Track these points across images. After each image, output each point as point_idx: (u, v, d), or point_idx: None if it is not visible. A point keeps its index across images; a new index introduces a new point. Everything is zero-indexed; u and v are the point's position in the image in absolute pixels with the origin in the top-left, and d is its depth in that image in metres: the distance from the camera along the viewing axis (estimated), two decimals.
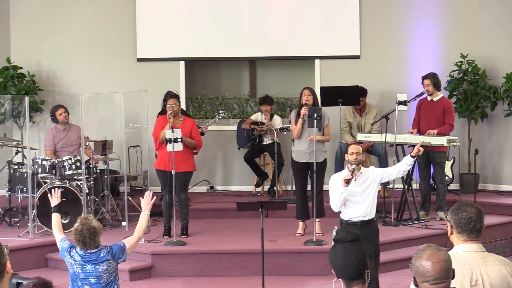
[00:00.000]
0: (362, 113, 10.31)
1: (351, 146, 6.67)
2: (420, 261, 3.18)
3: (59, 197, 5.91)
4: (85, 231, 5.25)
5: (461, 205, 3.73)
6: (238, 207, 7.40)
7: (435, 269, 3.14)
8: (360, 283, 3.16)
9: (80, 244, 5.30)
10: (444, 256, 3.18)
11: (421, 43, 10.93)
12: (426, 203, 9.35)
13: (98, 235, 5.33)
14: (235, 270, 8.01)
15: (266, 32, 11.05)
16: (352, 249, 3.17)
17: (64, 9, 11.06)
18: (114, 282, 5.42)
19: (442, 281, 3.15)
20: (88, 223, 5.27)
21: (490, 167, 10.90)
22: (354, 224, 6.54)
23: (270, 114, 10.56)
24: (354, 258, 3.15)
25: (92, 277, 5.31)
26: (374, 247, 6.62)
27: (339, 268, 3.17)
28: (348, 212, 6.60)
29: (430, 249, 3.21)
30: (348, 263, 3.14)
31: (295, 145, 8.55)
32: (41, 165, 8.94)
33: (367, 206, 6.56)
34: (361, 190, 6.56)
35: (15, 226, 9.07)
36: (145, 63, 11.08)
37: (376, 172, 6.69)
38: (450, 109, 9.31)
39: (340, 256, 3.17)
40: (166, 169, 8.34)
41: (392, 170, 6.86)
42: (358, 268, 3.15)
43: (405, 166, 6.83)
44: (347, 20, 10.98)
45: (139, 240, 5.68)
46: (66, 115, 9.63)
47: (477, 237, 3.66)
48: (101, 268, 5.31)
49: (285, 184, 10.52)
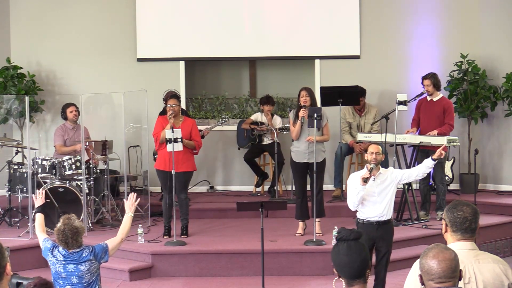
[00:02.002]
0: (361, 113, 10.31)
1: (371, 146, 6.66)
2: (426, 258, 3.20)
3: (43, 197, 5.94)
4: (67, 231, 5.27)
5: (457, 204, 3.74)
6: (238, 207, 7.40)
7: (441, 267, 3.15)
8: (361, 282, 3.17)
9: (62, 244, 5.31)
10: (450, 255, 3.19)
11: (421, 43, 10.93)
12: (426, 203, 9.35)
13: (81, 235, 5.35)
14: (235, 270, 8.01)
15: (266, 32, 11.05)
16: (356, 247, 3.18)
17: (64, 9, 11.06)
18: (95, 282, 5.43)
19: (447, 280, 3.15)
20: (70, 223, 5.28)
21: (490, 167, 10.90)
22: (371, 224, 6.55)
23: (271, 114, 10.57)
24: (358, 257, 3.16)
25: (74, 277, 5.32)
26: (387, 248, 6.63)
27: (342, 266, 3.18)
28: (365, 211, 6.60)
29: (437, 248, 3.23)
30: (351, 261, 3.15)
31: (294, 145, 8.55)
32: (41, 165, 8.95)
33: (385, 206, 6.56)
34: (379, 190, 6.56)
35: (15, 226, 9.07)
36: (145, 63, 11.08)
37: (395, 173, 6.69)
38: (450, 109, 9.31)
39: (344, 254, 3.17)
40: (166, 169, 8.34)
41: (412, 172, 6.84)
42: (360, 267, 3.16)
43: (425, 168, 6.79)
44: (347, 20, 10.98)
45: (122, 241, 5.69)
46: (76, 114, 9.67)
47: (471, 236, 3.67)
48: (83, 268, 5.33)
49: (285, 184, 10.51)
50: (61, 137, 9.58)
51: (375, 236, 6.55)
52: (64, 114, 9.73)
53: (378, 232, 6.57)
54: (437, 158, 6.75)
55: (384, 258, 6.63)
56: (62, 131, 9.63)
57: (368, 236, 6.52)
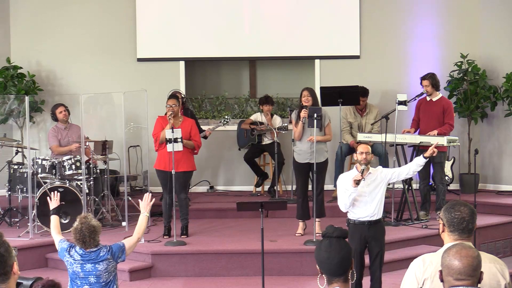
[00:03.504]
0: (363, 113, 10.31)
1: (360, 146, 6.65)
2: (449, 253, 3.20)
3: (58, 199, 5.91)
4: (84, 230, 5.26)
5: (455, 204, 3.75)
6: (238, 207, 7.40)
7: (462, 263, 3.14)
8: (341, 281, 3.18)
9: (80, 243, 5.30)
10: (473, 253, 3.19)
11: (421, 43, 10.93)
12: (426, 203, 9.35)
13: (98, 233, 5.34)
14: (235, 270, 8.01)
15: (266, 32, 11.05)
16: (336, 244, 3.20)
17: (64, 9, 11.06)
18: (113, 281, 5.42)
19: (466, 277, 3.14)
20: (87, 222, 5.28)
21: (490, 167, 10.90)
22: (362, 224, 6.55)
23: (270, 114, 10.58)
24: (337, 254, 3.18)
25: (92, 276, 5.32)
26: (380, 247, 6.63)
27: (321, 262, 3.21)
28: (356, 212, 6.59)
29: (461, 245, 3.25)
30: (330, 258, 3.18)
31: (296, 145, 8.54)
32: (41, 165, 8.94)
33: (375, 206, 6.55)
34: (370, 190, 6.56)
35: (15, 226, 9.08)
36: (145, 63, 11.09)
37: (385, 172, 6.68)
38: (449, 109, 9.31)
39: (324, 250, 3.20)
40: (165, 169, 8.34)
41: (402, 170, 6.83)
42: (340, 265, 3.17)
43: (416, 166, 6.79)
44: (347, 20, 10.98)
45: (139, 241, 5.69)
46: (66, 113, 9.63)
47: (468, 236, 3.68)
48: (101, 267, 5.32)
49: (285, 184, 10.51)
50: (55, 138, 9.55)
51: (367, 236, 6.56)
52: (54, 115, 9.68)
53: (369, 232, 6.57)
54: (428, 156, 6.74)
55: (377, 257, 6.62)
56: (55, 132, 9.60)
57: (360, 236, 6.54)
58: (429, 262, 3.65)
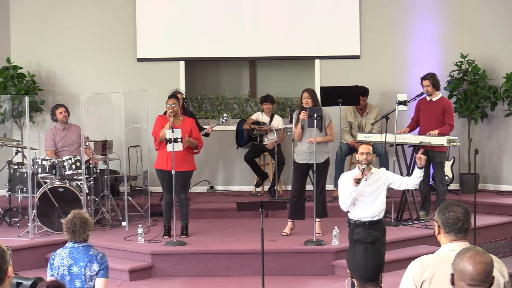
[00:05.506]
0: (363, 113, 10.31)
1: (361, 146, 6.63)
2: (462, 258, 3.18)
3: None
4: (76, 219, 5.19)
5: (448, 205, 3.74)
6: (238, 207, 7.40)
7: (476, 269, 3.13)
8: (374, 286, 3.15)
9: (70, 233, 5.22)
10: (487, 259, 3.17)
11: (421, 43, 10.93)
12: (426, 203, 9.35)
13: (89, 228, 5.25)
14: (235, 270, 8.01)
15: (266, 32, 11.05)
16: (372, 250, 3.17)
17: (64, 9, 11.06)
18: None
19: (479, 283, 3.14)
20: (80, 213, 5.24)
21: (490, 167, 10.90)
22: (363, 224, 6.54)
23: (271, 113, 10.58)
24: (373, 261, 3.15)
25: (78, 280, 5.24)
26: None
27: (356, 268, 3.17)
28: (357, 212, 6.59)
29: (475, 250, 3.22)
30: (366, 264, 3.14)
31: (297, 146, 8.55)
32: (41, 165, 8.94)
33: (377, 206, 6.55)
34: (371, 191, 6.55)
35: (15, 226, 9.07)
36: (145, 63, 11.08)
37: (388, 175, 6.67)
38: (449, 109, 9.31)
39: (360, 256, 3.17)
40: (165, 168, 8.34)
41: (404, 181, 6.76)
42: (375, 271, 3.15)
43: (415, 179, 6.74)
44: (347, 20, 10.98)
45: None
46: (66, 114, 9.63)
47: (464, 236, 3.68)
48: (86, 263, 5.22)
49: (285, 184, 10.51)
50: (52, 142, 9.53)
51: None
52: (54, 116, 9.68)
53: None
54: (421, 166, 6.67)
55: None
56: (52, 134, 9.59)
57: None
58: (427, 264, 3.64)
